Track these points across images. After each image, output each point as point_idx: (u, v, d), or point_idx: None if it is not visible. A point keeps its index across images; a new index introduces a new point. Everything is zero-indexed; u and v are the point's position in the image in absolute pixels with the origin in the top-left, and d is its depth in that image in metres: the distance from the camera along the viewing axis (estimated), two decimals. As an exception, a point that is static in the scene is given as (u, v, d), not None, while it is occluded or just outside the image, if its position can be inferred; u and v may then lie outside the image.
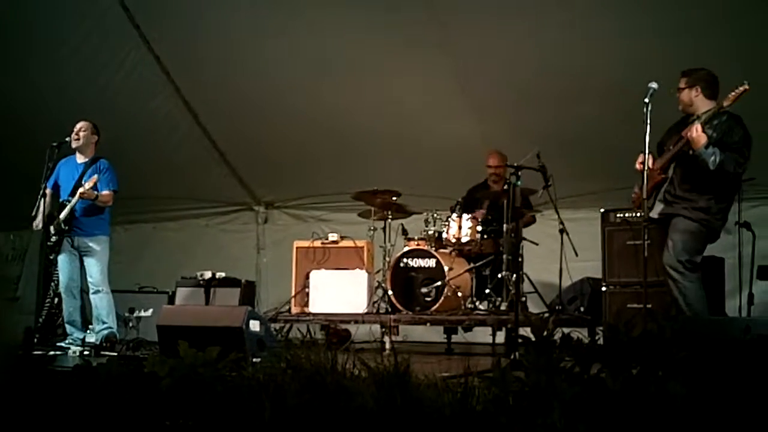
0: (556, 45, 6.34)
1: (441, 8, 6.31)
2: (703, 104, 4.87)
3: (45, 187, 6.22)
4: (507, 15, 6.21)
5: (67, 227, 6.17)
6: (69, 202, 6.16)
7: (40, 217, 6.18)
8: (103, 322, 6.18)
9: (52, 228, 6.19)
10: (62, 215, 6.15)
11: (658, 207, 5.03)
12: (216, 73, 7.47)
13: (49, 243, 6.20)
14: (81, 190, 6.05)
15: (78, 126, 6.34)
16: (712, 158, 4.66)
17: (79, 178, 6.25)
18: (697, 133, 4.67)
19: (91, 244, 6.23)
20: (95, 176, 6.12)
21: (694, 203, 4.84)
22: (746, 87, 4.58)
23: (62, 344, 6.20)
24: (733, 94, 4.65)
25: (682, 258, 4.79)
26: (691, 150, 4.75)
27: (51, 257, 6.27)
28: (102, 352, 5.89)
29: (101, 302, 6.21)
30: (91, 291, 6.24)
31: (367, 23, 6.56)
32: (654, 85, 4.73)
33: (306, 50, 6.96)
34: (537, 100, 6.92)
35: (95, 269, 6.22)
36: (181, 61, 7.49)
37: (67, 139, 6.26)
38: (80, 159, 6.38)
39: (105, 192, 6.21)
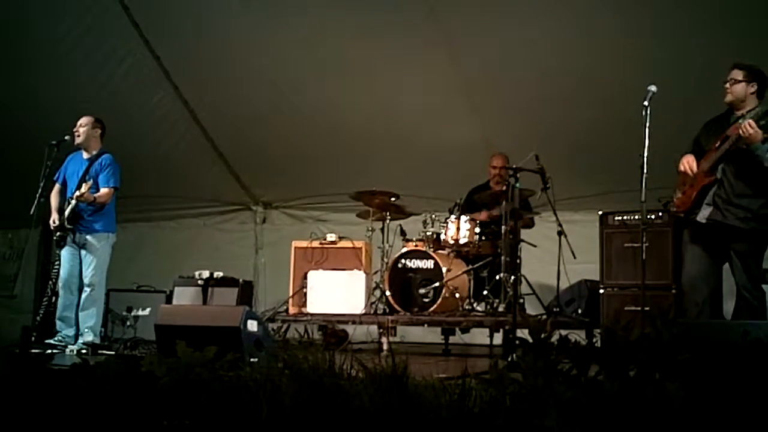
0: (557, 47, 6.35)
1: (442, 9, 6.30)
2: (751, 102, 4.82)
3: (54, 184, 6.21)
4: (509, 17, 6.22)
5: (71, 225, 6.08)
6: (72, 200, 6.07)
7: (55, 214, 6.14)
8: (85, 324, 6.06)
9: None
10: (66, 214, 6.08)
11: (706, 211, 4.85)
12: (215, 73, 7.47)
13: (54, 238, 6.15)
14: (77, 194, 5.96)
15: (78, 122, 6.24)
16: None
17: (82, 175, 6.15)
18: (754, 129, 4.56)
19: (89, 239, 6.12)
20: (90, 181, 6.00)
21: (748, 211, 4.71)
22: None
23: (51, 341, 6.04)
24: None
25: (759, 277, 4.75)
26: (746, 145, 4.64)
27: (58, 251, 6.20)
28: (99, 351, 5.86)
29: (86, 301, 6.08)
30: (84, 287, 6.10)
31: (368, 24, 6.56)
32: (653, 88, 4.73)
33: (306, 50, 6.95)
34: (537, 103, 6.92)
35: (89, 266, 6.09)
36: (180, 61, 7.48)
37: (66, 137, 6.18)
38: (85, 155, 6.27)
39: (103, 190, 6.10)
